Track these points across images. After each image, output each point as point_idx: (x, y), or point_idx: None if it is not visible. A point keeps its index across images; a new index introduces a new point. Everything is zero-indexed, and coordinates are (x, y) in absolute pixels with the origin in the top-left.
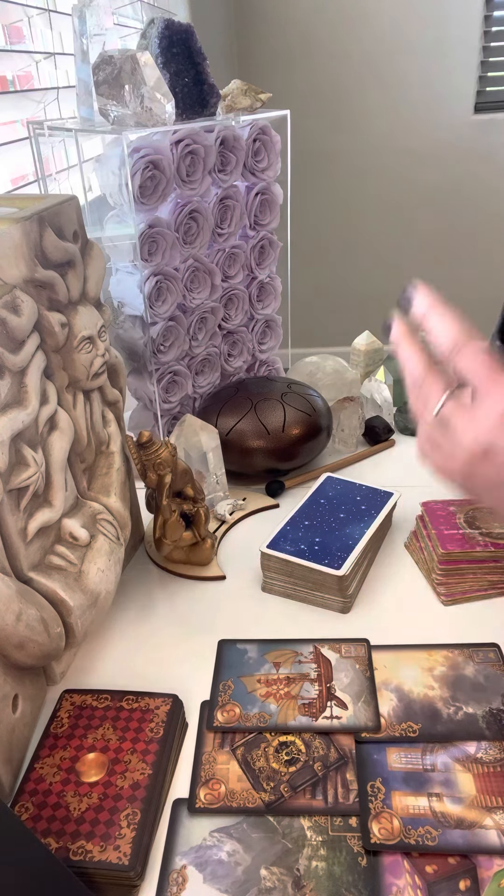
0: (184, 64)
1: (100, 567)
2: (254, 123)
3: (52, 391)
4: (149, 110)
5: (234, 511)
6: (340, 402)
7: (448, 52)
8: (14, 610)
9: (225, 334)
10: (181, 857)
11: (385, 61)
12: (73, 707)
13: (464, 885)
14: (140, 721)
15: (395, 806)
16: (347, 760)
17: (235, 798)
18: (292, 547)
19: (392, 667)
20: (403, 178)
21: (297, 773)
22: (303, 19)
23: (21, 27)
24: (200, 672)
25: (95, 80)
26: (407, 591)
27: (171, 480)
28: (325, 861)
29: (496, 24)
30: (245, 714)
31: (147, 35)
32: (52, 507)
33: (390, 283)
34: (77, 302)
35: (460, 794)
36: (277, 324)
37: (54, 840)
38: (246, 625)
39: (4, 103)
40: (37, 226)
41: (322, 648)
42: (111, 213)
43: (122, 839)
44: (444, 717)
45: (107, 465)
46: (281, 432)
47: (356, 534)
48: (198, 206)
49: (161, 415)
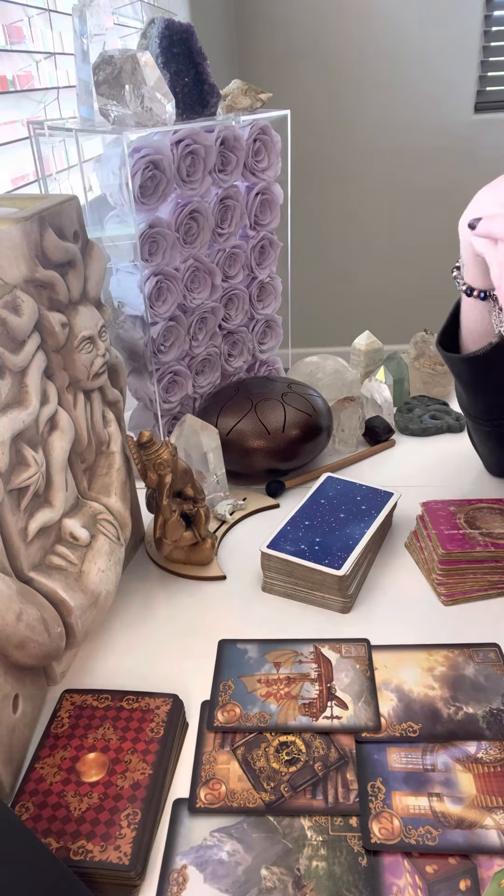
0: (184, 64)
1: (100, 567)
2: (254, 123)
3: (52, 391)
4: (149, 110)
5: (234, 511)
6: (340, 402)
7: (448, 52)
8: (14, 610)
9: (225, 334)
10: (181, 857)
11: (385, 61)
12: (73, 707)
13: (464, 885)
14: (140, 721)
15: (396, 806)
16: (348, 760)
17: (236, 798)
18: (292, 547)
19: (392, 667)
20: (403, 177)
21: (297, 773)
22: (303, 19)
23: (21, 27)
24: (201, 672)
25: (95, 80)
26: (407, 591)
27: (172, 480)
28: (325, 861)
29: (496, 24)
30: (245, 714)
31: (147, 35)
32: (52, 508)
33: (390, 283)
34: (77, 302)
35: (460, 794)
36: (278, 324)
37: (55, 840)
38: (246, 625)
39: (4, 103)
40: (37, 226)
41: (322, 648)
42: (111, 213)
43: (123, 839)
44: (445, 717)
45: (107, 465)
46: (281, 432)
47: (356, 534)
48: (198, 206)
49: (161, 415)
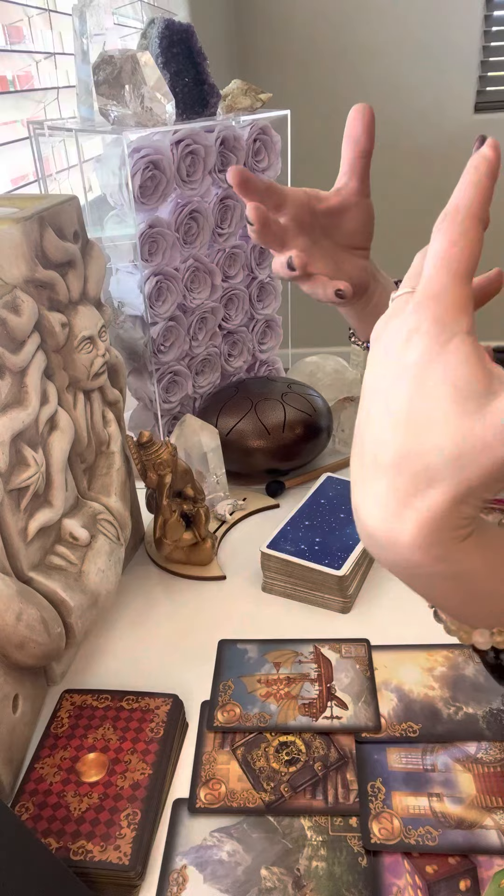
0: (184, 64)
1: (100, 567)
2: (254, 123)
3: (52, 391)
4: (149, 110)
5: (234, 511)
6: (340, 402)
7: (448, 52)
8: (14, 610)
9: (225, 334)
10: (181, 857)
11: (385, 61)
12: (73, 707)
13: (464, 885)
14: (140, 721)
15: (396, 806)
16: (348, 760)
17: (236, 798)
18: (292, 547)
19: (392, 667)
20: (403, 177)
21: (297, 773)
22: (303, 19)
23: (21, 27)
24: (200, 672)
25: (95, 80)
26: (407, 591)
27: (172, 480)
28: (325, 861)
29: (496, 24)
30: (245, 714)
31: (147, 35)
32: (52, 507)
33: None
34: (77, 302)
35: (460, 795)
36: (277, 324)
37: (55, 840)
38: (246, 625)
39: (4, 103)
40: (37, 226)
41: (322, 648)
42: (111, 213)
43: (123, 839)
44: (445, 717)
45: (107, 465)
46: (281, 432)
47: (356, 534)
48: (198, 206)
49: (161, 415)
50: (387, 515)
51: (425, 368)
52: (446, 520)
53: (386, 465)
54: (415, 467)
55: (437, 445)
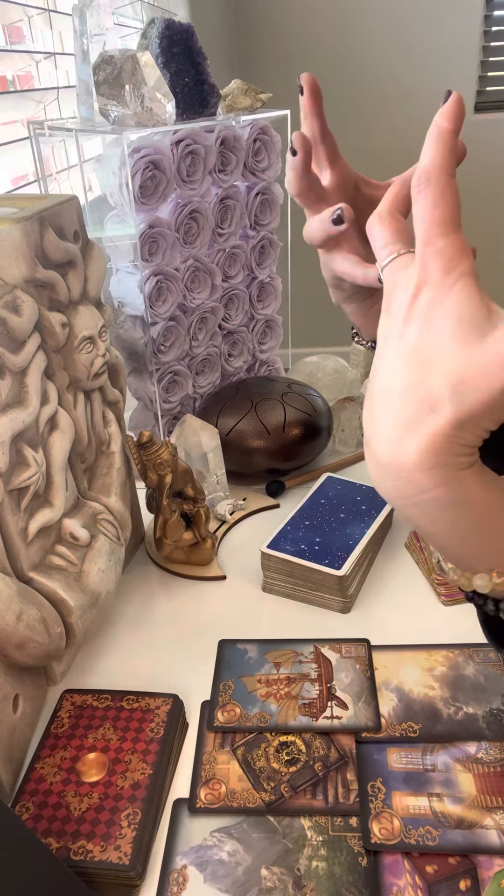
0: (184, 64)
1: (100, 567)
2: (254, 123)
3: (52, 391)
4: (149, 110)
5: (234, 511)
6: (340, 402)
7: (448, 52)
8: (14, 610)
9: (225, 334)
10: (182, 857)
11: (385, 61)
12: (73, 707)
13: (464, 885)
14: (140, 721)
15: (396, 806)
16: (348, 760)
17: (236, 798)
18: (292, 547)
19: (392, 667)
20: None
21: (297, 773)
22: (303, 19)
23: (21, 27)
24: (201, 672)
25: (96, 80)
26: (407, 591)
27: (172, 480)
28: (325, 861)
29: (496, 24)
30: (245, 714)
31: (147, 35)
32: (52, 508)
33: None
34: (78, 302)
35: (460, 794)
36: (277, 324)
37: (55, 840)
38: (246, 625)
39: (4, 103)
40: (37, 226)
41: (322, 648)
42: (111, 213)
43: (123, 839)
44: (445, 717)
45: (107, 465)
46: (281, 432)
47: (356, 534)
48: (198, 206)
49: (161, 415)
50: (393, 440)
51: (433, 309)
52: (447, 444)
53: (395, 396)
54: (419, 394)
55: (440, 373)
